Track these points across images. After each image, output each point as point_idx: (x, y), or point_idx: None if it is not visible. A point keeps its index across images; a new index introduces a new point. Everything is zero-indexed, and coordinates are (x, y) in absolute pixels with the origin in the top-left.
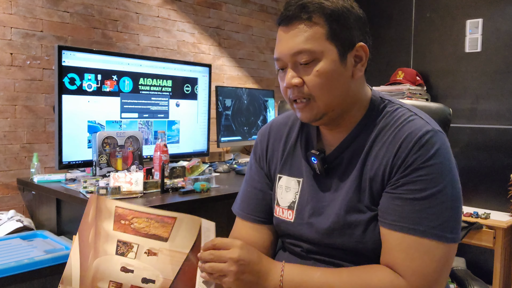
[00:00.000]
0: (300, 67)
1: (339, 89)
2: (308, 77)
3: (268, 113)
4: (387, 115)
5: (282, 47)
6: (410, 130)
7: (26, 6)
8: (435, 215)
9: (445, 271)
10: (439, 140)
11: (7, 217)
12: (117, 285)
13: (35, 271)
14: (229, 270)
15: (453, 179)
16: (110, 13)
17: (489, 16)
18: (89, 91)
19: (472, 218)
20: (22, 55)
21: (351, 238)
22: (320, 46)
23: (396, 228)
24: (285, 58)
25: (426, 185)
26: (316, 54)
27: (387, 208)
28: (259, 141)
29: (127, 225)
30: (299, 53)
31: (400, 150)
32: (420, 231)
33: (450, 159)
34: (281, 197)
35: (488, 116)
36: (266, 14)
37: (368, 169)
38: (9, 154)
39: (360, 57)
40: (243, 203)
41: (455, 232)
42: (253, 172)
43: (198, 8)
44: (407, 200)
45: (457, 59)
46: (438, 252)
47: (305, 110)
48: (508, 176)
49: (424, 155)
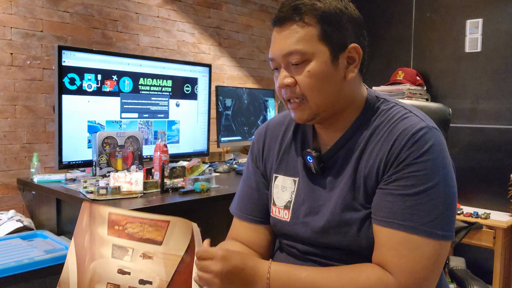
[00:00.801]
0: (292, 67)
1: (331, 90)
2: (299, 77)
3: (268, 113)
4: (382, 113)
5: (275, 48)
6: (404, 127)
7: (26, 6)
8: (426, 211)
9: (436, 268)
10: (433, 136)
11: (7, 217)
12: (114, 287)
13: (35, 271)
14: (213, 282)
15: (447, 176)
16: (110, 13)
17: (489, 16)
18: (89, 91)
19: (472, 218)
20: (22, 55)
21: (346, 236)
22: (311, 47)
23: (386, 224)
24: (278, 59)
25: (418, 181)
26: (307, 55)
27: (379, 205)
28: (256, 141)
29: (121, 230)
30: (291, 54)
31: (394, 147)
32: (410, 227)
33: (444, 156)
34: (277, 196)
35: (488, 116)
36: (266, 14)
37: (363, 167)
38: (9, 154)
39: (353, 59)
40: (240, 203)
41: (447, 230)
42: (250, 172)
43: (198, 8)
44: (398, 196)
45: (457, 59)
46: (428, 249)
47: (298, 110)
48: (508, 176)
49: (417, 151)
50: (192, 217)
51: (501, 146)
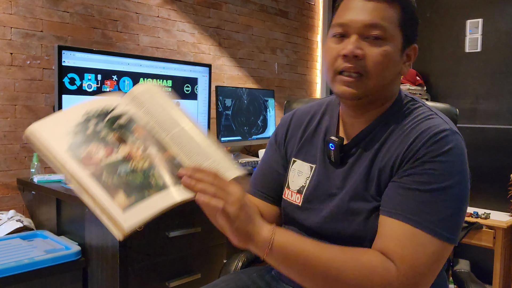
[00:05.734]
0: (365, 41)
1: (390, 76)
2: (372, 52)
3: (268, 113)
4: (407, 111)
5: (356, 15)
6: (427, 126)
7: (26, 6)
8: (436, 210)
9: (435, 268)
10: (454, 140)
11: (7, 217)
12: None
13: (35, 271)
14: (228, 206)
15: (462, 181)
16: (110, 13)
17: (489, 16)
18: (89, 91)
19: (472, 218)
20: (22, 55)
21: (351, 224)
22: (393, 29)
23: (393, 215)
24: (355, 26)
25: (433, 179)
26: (388, 34)
27: (389, 196)
28: (281, 125)
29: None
30: (375, 27)
31: (414, 144)
32: (417, 222)
33: (462, 161)
34: (292, 180)
35: (488, 116)
36: (266, 14)
37: (379, 160)
38: (9, 154)
39: (410, 57)
40: (255, 180)
41: (453, 233)
42: (271, 152)
43: (198, 8)
44: (410, 190)
45: (457, 59)
46: (431, 246)
47: (353, 85)
48: (508, 176)
49: (436, 150)
50: (192, 217)
51: (501, 146)
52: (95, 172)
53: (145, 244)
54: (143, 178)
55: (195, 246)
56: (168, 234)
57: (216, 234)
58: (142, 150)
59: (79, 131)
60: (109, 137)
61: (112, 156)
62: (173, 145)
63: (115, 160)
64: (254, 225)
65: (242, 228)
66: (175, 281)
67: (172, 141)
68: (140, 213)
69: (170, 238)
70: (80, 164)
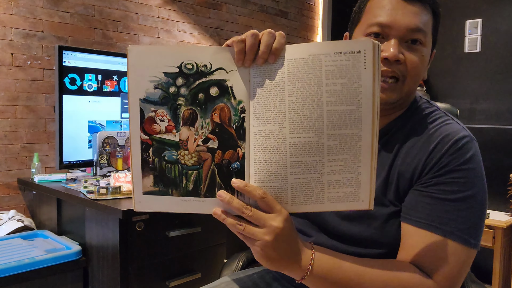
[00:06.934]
0: (404, 45)
1: (419, 81)
2: (412, 57)
3: None
4: (423, 114)
5: (402, 17)
6: (447, 132)
7: (27, 7)
8: (464, 218)
9: (465, 275)
10: (474, 146)
11: (7, 217)
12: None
13: (35, 270)
14: (263, 239)
15: (484, 187)
16: (111, 13)
17: (488, 16)
18: (89, 91)
19: None
20: (22, 55)
21: (368, 228)
22: (429, 34)
23: (422, 225)
24: (399, 28)
25: (459, 188)
26: (426, 39)
27: (414, 206)
28: None
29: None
30: (419, 31)
31: (436, 151)
32: (447, 232)
33: (482, 167)
34: None
35: (487, 116)
36: (266, 14)
37: (398, 164)
38: (9, 154)
39: (428, 61)
40: None
41: (478, 240)
42: None
43: (198, 8)
44: (438, 199)
45: (456, 59)
46: (462, 255)
47: (389, 90)
48: (508, 176)
49: (460, 158)
50: (193, 217)
51: (501, 146)
52: (147, 141)
53: (145, 243)
54: (178, 175)
55: (195, 246)
56: (168, 233)
57: (216, 234)
58: (201, 142)
59: (162, 84)
60: (181, 110)
61: (169, 135)
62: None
63: (169, 141)
64: (290, 257)
65: (276, 260)
66: (175, 281)
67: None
68: (156, 205)
69: (170, 237)
70: (140, 126)
